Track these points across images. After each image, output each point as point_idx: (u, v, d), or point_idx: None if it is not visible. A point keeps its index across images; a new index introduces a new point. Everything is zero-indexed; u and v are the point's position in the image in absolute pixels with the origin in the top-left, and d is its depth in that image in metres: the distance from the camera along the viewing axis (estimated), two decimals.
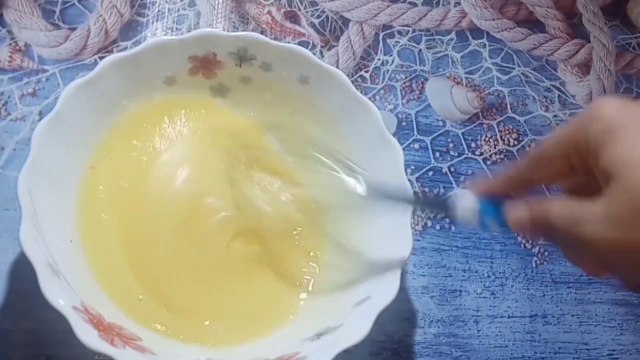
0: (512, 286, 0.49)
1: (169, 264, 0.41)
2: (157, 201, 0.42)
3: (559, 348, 0.48)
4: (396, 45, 0.55)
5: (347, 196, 0.40)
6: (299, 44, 0.49)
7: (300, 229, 0.43)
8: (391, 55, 0.54)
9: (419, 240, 0.48)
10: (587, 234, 0.26)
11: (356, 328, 0.37)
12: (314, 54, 0.43)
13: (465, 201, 0.33)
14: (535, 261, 0.50)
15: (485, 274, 0.49)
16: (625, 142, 0.26)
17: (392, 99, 0.53)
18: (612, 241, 0.25)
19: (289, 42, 0.49)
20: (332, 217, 0.43)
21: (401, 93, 0.53)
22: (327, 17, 0.54)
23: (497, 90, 0.55)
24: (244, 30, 0.51)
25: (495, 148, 0.53)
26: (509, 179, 0.32)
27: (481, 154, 0.52)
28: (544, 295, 0.49)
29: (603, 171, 0.26)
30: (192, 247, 0.41)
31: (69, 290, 0.35)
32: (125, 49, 0.49)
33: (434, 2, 0.57)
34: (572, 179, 0.31)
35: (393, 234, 0.40)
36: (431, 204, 0.37)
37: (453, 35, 0.56)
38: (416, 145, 0.51)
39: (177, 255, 0.41)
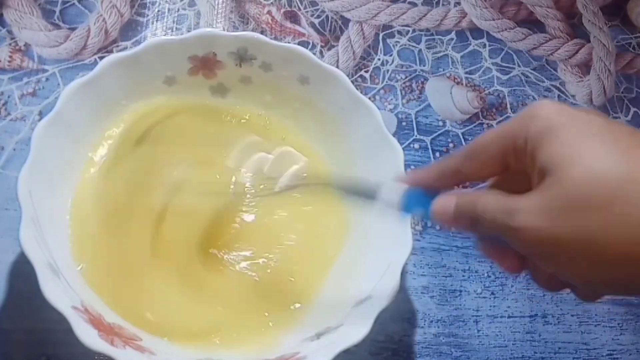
0: (512, 286, 0.49)
1: (172, 263, 0.40)
2: (159, 201, 0.42)
3: (559, 348, 0.48)
4: (396, 45, 0.55)
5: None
6: (299, 44, 0.49)
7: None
8: (391, 55, 0.54)
9: (419, 240, 0.48)
10: (519, 222, 0.26)
11: (356, 328, 0.37)
12: (314, 54, 0.43)
13: (391, 190, 0.33)
14: None
15: (485, 274, 0.49)
16: (565, 140, 0.26)
17: (392, 99, 0.53)
18: (545, 231, 0.25)
19: (289, 42, 0.49)
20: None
21: (401, 93, 0.53)
22: (327, 17, 0.54)
23: (497, 90, 0.55)
24: (244, 30, 0.51)
25: None
26: (441, 171, 0.32)
27: None
28: (544, 295, 0.49)
29: (539, 168, 0.27)
30: (194, 246, 0.41)
31: (69, 290, 0.35)
32: (125, 49, 0.49)
33: (434, 2, 0.57)
34: (502, 178, 0.31)
35: (393, 234, 0.40)
36: (356, 189, 0.36)
37: (453, 35, 0.56)
38: (416, 145, 0.51)
39: (182, 254, 0.41)
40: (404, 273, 0.46)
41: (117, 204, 0.41)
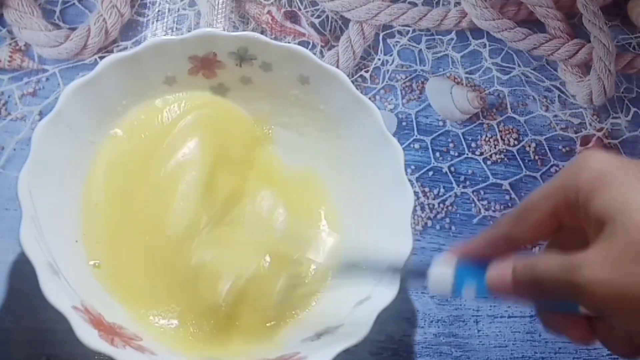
0: None
1: (175, 263, 0.40)
2: (160, 201, 0.42)
3: (559, 348, 0.48)
4: (396, 45, 0.55)
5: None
6: (299, 44, 0.49)
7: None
8: (391, 55, 0.54)
9: (419, 240, 0.48)
10: (585, 277, 0.24)
11: (356, 328, 0.37)
12: (314, 54, 0.43)
13: (440, 267, 0.31)
14: None
15: None
16: (619, 186, 0.25)
17: (392, 99, 0.53)
18: (615, 283, 0.24)
19: (289, 42, 0.49)
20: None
21: (401, 93, 0.53)
22: (327, 17, 0.54)
23: (497, 90, 0.55)
24: (244, 30, 0.51)
25: (495, 148, 0.53)
26: (490, 239, 0.31)
27: (481, 153, 0.52)
28: None
29: (595, 217, 0.26)
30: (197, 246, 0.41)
31: (69, 290, 0.35)
32: (125, 48, 0.49)
33: (434, 2, 0.56)
34: (556, 240, 0.30)
35: (393, 234, 0.40)
36: (407, 271, 0.35)
37: (453, 35, 0.56)
38: (416, 145, 0.51)
39: (182, 254, 0.41)
40: None
41: (127, 202, 0.41)
